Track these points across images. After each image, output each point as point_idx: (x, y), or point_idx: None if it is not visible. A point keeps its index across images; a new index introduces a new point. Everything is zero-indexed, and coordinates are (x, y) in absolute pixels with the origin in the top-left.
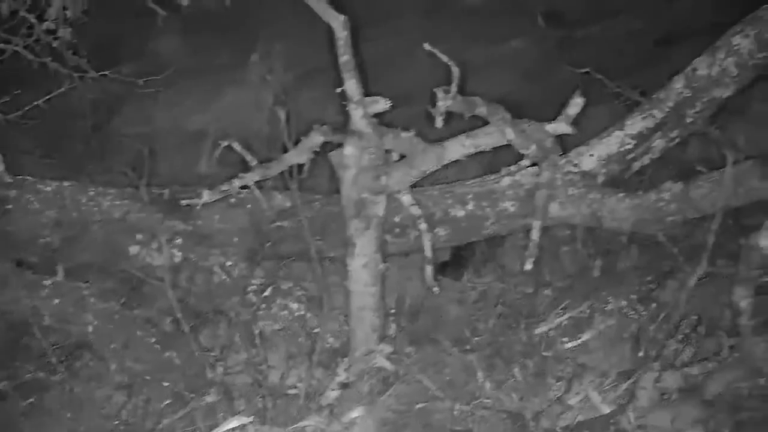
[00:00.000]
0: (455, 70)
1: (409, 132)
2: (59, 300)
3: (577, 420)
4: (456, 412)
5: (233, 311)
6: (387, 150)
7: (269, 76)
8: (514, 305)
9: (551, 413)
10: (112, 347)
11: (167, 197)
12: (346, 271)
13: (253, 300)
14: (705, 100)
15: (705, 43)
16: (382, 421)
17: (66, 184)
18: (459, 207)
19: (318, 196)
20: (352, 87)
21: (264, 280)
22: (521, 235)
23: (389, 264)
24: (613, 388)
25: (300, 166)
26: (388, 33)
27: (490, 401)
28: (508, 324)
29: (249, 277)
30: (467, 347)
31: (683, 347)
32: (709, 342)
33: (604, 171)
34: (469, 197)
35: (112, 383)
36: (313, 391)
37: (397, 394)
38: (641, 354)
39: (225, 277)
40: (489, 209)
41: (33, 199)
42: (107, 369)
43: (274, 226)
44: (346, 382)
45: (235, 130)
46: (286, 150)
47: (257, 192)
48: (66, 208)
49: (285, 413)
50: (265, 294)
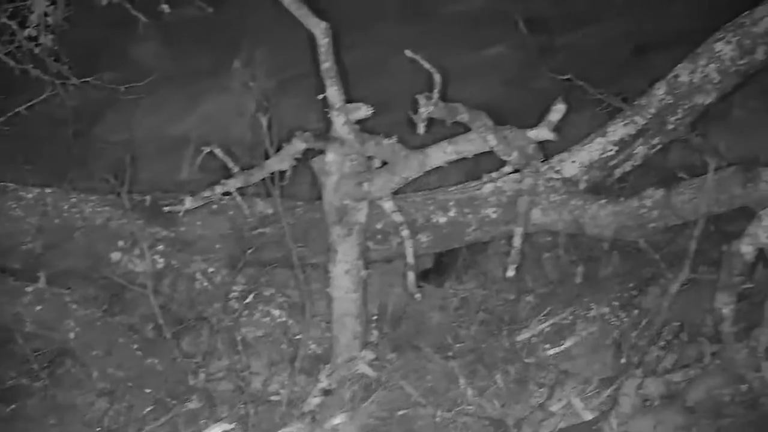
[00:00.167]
0: (437, 76)
1: (391, 139)
2: (41, 306)
3: (559, 427)
4: (438, 418)
5: (215, 318)
6: (369, 157)
7: (251, 82)
8: (496, 312)
9: (533, 420)
10: (94, 354)
11: (149, 204)
12: (328, 278)
13: (235, 306)
14: (687, 106)
15: (686, 50)
16: (364, 428)
17: (48, 190)
18: (441, 213)
19: (300, 202)
20: (333, 94)
21: (246, 286)
22: (503, 242)
23: (371, 271)
24: (596, 394)
25: (282, 172)
26: (369, 40)
27: (472, 408)
28: (490, 331)
29: (231, 284)
30: (449, 354)
31: (665, 354)
32: (691, 348)
33: (585, 177)
34: (451, 204)
35: (94, 390)
36: (296, 398)
37: (379, 400)
38: (623, 360)
39: (207, 284)
40: (471, 216)
41: (15, 206)
42: (89, 375)
43: (256, 232)
44: (328, 388)
45: (217, 136)
46: (268, 157)
47: (239, 198)
48: (48, 214)
49: (267, 420)
50: (247, 300)
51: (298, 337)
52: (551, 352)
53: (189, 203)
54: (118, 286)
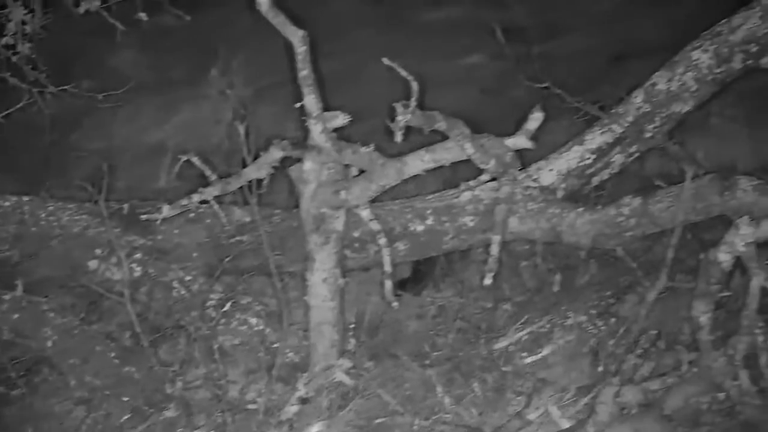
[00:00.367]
0: (414, 84)
1: (369, 147)
2: (18, 315)
3: None
4: (415, 427)
5: (192, 326)
6: (346, 165)
7: (228, 90)
8: (473, 320)
9: (511, 428)
10: (71, 362)
11: (126, 212)
12: (305, 286)
13: (213, 315)
14: (664, 114)
15: (664, 58)
16: None
17: (25, 198)
18: (418, 222)
19: (277, 210)
20: (311, 102)
21: (223, 294)
22: (481, 250)
23: (349, 279)
24: (573, 402)
25: (259, 181)
26: (347, 48)
27: (449, 416)
28: (467, 339)
29: (208, 292)
30: (426, 362)
31: (643, 362)
32: (669, 357)
33: (563, 186)
34: (429, 212)
35: (71, 398)
36: (273, 406)
37: (357, 409)
38: (601, 369)
39: (184, 292)
40: (448, 224)
41: None
42: (67, 384)
43: (233, 240)
44: (305, 397)
45: (195, 144)
46: (245, 165)
47: (217, 207)
48: (25, 222)
49: (244, 428)
50: (225, 309)
51: (275, 346)
52: (528, 360)
53: (166, 211)
54: (95, 294)
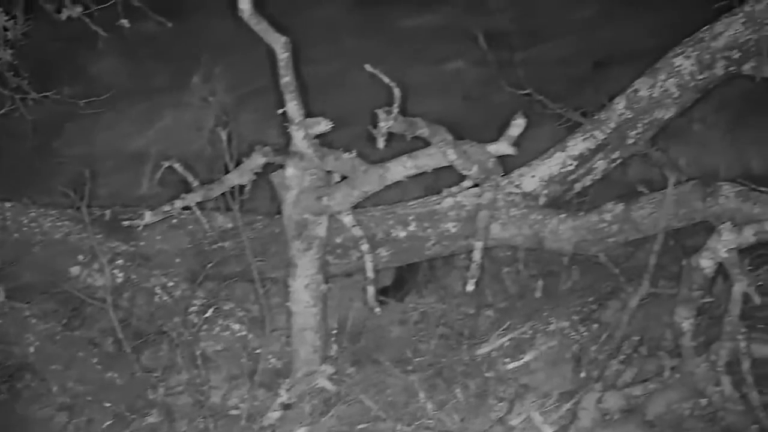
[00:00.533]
0: (396, 91)
1: (351, 153)
2: (0, 321)
3: None
4: None
5: (175, 332)
6: (328, 171)
7: (211, 97)
8: (455, 326)
9: None
10: (53, 368)
11: (108, 218)
12: (287, 292)
13: (195, 321)
14: (646, 121)
15: (646, 65)
16: None
17: (7, 204)
18: (401, 228)
19: (260, 217)
20: (293, 108)
21: (206, 300)
22: (463, 256)
23: (331, 285)
24: (555, 408)
25: (242, 187)
26: (329, 54)
27: (431, 422)
28: (449, 345)
29: (191, 298)
30: (409, 368)
31: (625, 368)
32: (651, 363)
33: (545, 192)
34: (411, 218)
35: (53, 404)
36: (255, 412)
37: (339, 414)
38: (583, 374)
39: (166, 298)
40: (431, 230)
41: None
42: (49, 390)
43: (215, 247)
44: (287, 402)
45: (177, 151)
46: (227, 171)
47: (199, 213)
48: (7, 229)
49: None
50: (207, 315)
51: (257, 351)
52: (511, 366)
53: (149, 218)
54: (77, 300)
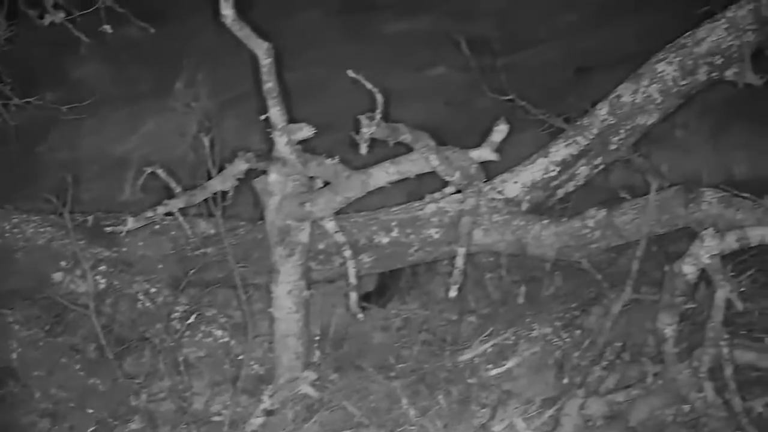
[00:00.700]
0: (379, 96)
1: (334, 159)
2: None
3: None
4: None
5: (157, 338)
6: (311, 177)
7: (193, 103)
8: (438, 332)
9: None
10: (36, 374)
11: (91, 224)
12: (270, 298)
13: (178, 327)
14: (629, 126)
15: (628, 71)
16: None
17: None
18: (383, 234)
19: (242, 223)
20: (276, 114)
21: (188, 307)
22: (446, 262)
23: (314, 291)
24: (538, 414)
25: (224, 193)
26: (311, 60)
27: (414, 428)
28: (432, 351)
29: (173, 304)
30: (391, 374)
31: (608, 374)
32: (634, 369)
33: (528, 198)
34: (394, 224)
35: (36, 410)
36: (238, 418)
37: (322, 421)
38: (566, 381)
39: (149, 304)
40: (413, 236)
41: None
42: (31, 396)
43: (198, 253)
44: (270, 409)
45: (160, 156)
46: (210, 177)
47: (181, 219)
48: None
49: None
50: (190, 321)
51: (240, 358)
52: (494, 372)
53: (131, 223)
54: (60, 306)
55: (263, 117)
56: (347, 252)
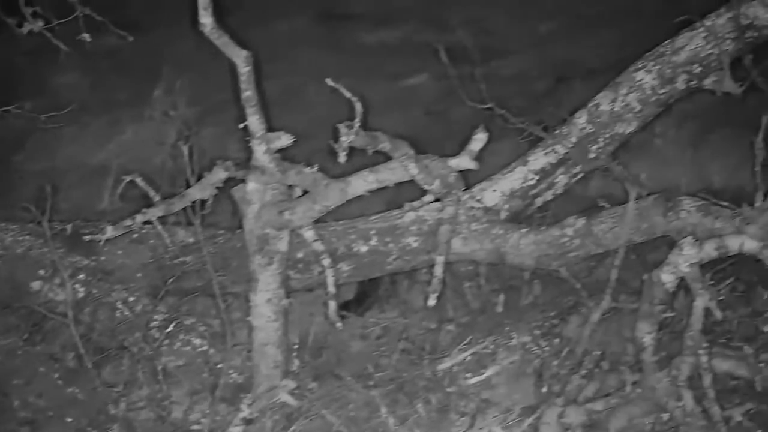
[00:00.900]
0: (358, 105)
1: (312, 167)
2: None
3: None
4: None
5: (136, 347)
6: (290, 185)
7: (172, 111)
8: (417, 341)
9: None
10: (14, 383)
11: (70, 233)
12: (249, 307)
13: (156, 335)
14: (607, 135)
15: (607, 79)
16: None
17: None
18: (362, 242)
19: (221, 231)
20: (254, 122)
21: (167, 315)
22: (424, 271)
23: (292, 299)
24: (517, 423)
25: (203, 201)
26: (290, 68)
27: None
28: (411, 360)
29: (152, 313)
30: (370, 383)
31: (586, 383)
32: (612, 377)
33: (507, 206)
34: (372, 233)
35: (15, 419)
36: (217, 427)
37: (301, 429)
38: (544, 389)
39: (128, 313)
40: (392, 245)
41: None
42: (10, 405)
43: (177, 261)
44: (249, 417)
45: (138, 165)
46: (189, 185)
47: (160, 227)
48: None
49: None
50: (168, 329)
51: (219, 366)
52: (472, 381)
53: (110, 232)
54: (38, 315)
55: (242, 125)
56: (326, 261)
